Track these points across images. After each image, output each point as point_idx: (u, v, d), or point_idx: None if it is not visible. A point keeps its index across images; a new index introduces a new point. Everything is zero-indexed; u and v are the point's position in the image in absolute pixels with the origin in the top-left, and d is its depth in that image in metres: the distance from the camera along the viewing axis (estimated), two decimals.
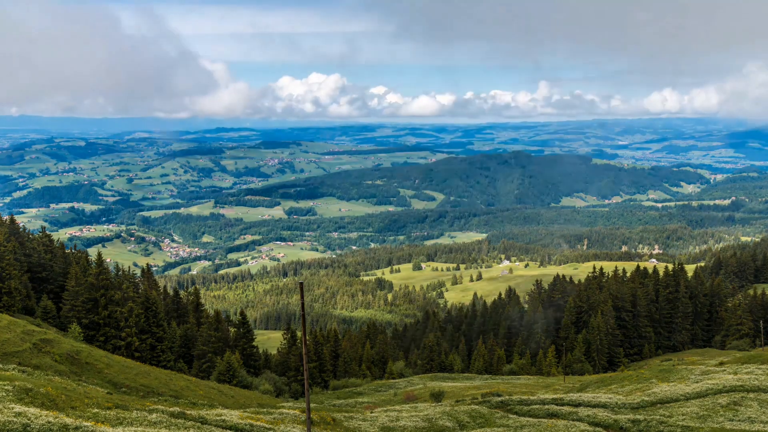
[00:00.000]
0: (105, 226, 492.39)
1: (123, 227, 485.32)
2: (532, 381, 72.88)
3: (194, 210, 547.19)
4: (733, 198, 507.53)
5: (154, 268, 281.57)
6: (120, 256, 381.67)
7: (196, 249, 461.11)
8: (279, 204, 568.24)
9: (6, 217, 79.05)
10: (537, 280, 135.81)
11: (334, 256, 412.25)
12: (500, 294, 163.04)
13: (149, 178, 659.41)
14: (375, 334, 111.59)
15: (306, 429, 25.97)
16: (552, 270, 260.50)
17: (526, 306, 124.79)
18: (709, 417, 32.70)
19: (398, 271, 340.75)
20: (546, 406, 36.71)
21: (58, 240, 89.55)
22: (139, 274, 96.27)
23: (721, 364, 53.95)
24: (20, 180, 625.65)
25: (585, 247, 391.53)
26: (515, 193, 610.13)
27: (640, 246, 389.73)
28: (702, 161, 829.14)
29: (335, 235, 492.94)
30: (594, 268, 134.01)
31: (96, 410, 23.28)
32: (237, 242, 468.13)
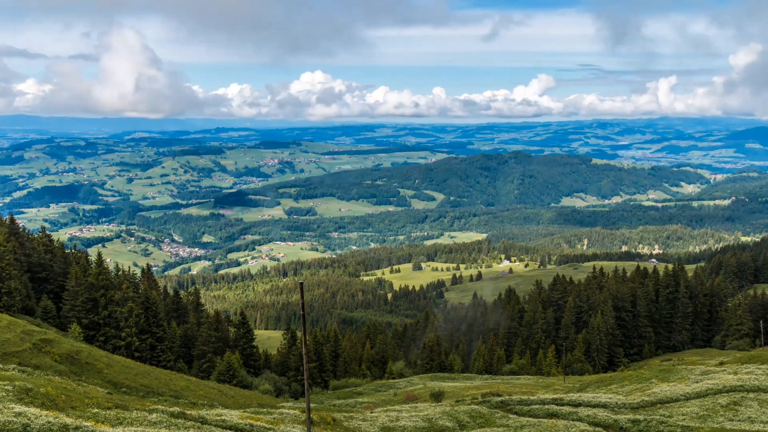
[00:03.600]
0: (105, 226, 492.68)
1: (123, 227, 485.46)
2: (532, 381, 72.86)
3: (194, 210, 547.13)
4: (733, 198, 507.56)
5: (154, 268, 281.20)
6: (120, 256, 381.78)
7: (196, 249, 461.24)
8: (279, 204, 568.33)
9: (6, 217, 78.99)
10: (537, 280, 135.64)
11: (334, 256, 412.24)
12: (500, 294, 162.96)
13: (149, 178, 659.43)
14: (375, 334, 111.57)
15: (306, 429, 25.98)
16: (552, 270, 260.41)
17: (526, 306, 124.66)
18: (709, 417, 32.70)
19: (398, 271, 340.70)
20: (546, 406, 36.71)
21: (58, 240, 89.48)
22: (139, 274, 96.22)
23: (721, 364, 53.98)
24: (20, 180, 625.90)
25: (585, 247, 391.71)
26: (515, 193, 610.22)
27: (640, 246, 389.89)
28: (702, 161, 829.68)
29: (335, 235, 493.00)
30: (594, 268, 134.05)
31: (96, 410, 23.29)
32: (237, 242, 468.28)
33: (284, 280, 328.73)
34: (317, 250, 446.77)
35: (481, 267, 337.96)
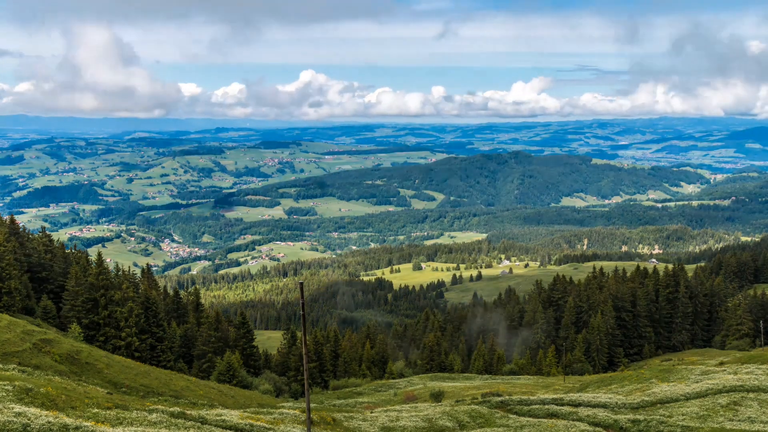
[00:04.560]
0: (105, 226, 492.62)
1: (123, 227, 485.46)
2: (532, 381, 72.86)
3: (194, 210, 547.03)
4: (733, 198, 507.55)
5: (154, 268, 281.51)
6: (120, 256, 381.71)
7: (196, 249, 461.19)
8: (279, 204, 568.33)
9: (6, 217, 78.94)
10: (537, 280, 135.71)
11: (334, 256, 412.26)
12: (500, 294, 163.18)
13: (149, 178, 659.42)
14: (375, 334, 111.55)
15: (306, 429, 25.97)
16: (552, 270, 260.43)
17: (526, 306, 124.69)
18: (709, 417, 32.70)
19: (398, 271, 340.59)
20: (546, 406, 36.70)
21: (58, 240, 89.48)
22: (139, 274, 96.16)
23: (721, 364, 54.00)
24: (20, 180, 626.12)
25: (585, 247, 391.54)
26: (515, 193, 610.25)
27: (640, 246, 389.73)
28: (702, 161, 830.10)
29: (335, 235, 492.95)
30: (594, 268, 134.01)
31: (96, 410, 23.28)
32: (237, 242, 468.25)
33: (284, 280, 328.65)
34: (317, 250, 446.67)
35: (481, 267, 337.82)
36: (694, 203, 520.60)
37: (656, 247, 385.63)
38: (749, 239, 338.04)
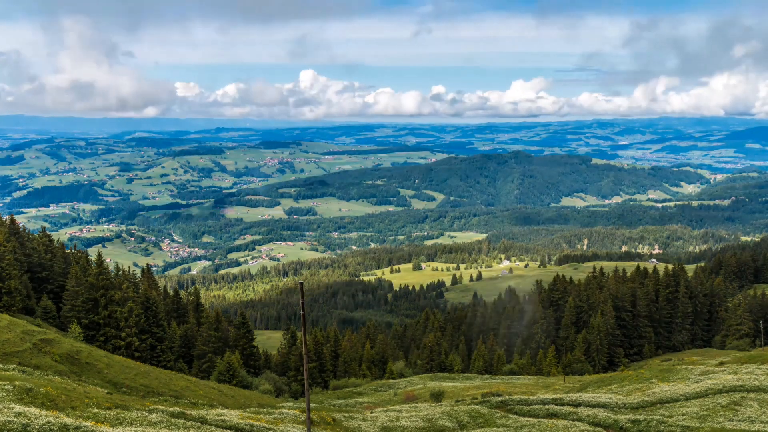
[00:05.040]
0: (105, 226, 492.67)
1: (123, 227, 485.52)
2: (532, 381, 72.84)
3: (194, 210, 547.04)
4: (733, 198, 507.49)
5: (154, 268, 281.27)
6: (120, 256, 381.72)
7: (196, 249, 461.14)
8: (279, 204, 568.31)
9: (6, 217, 78.92)
10: (537, 280, 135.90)
11: (334, 256, 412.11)
12: (500, 294, 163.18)
13: (149, 178, 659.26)
14: (375, 334, 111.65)
15: (306, 429, 25.97)
16: (552, 270, 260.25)
17: (526, 306, 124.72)
18: (709, 417, 32.69)
19: (398, 271, 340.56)
20: (546, 406, 36.70)
21: (58, 240, 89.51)
22: (139, 274, 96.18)
23: (721, 364, 53.98)
24: (20, 180, 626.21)
25: (585, 247, 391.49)
26: (515, 193, 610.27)
27: (640, 246, 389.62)
28: (702, 161, 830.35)
29: (335, 235, 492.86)
30: (594, 268, 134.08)
31: (96, 410, 23.27)
32: (237, 242, 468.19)
33: (284, 280, 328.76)
34: (317, 250, 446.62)
35: (481, 267, 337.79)
36: (694, 203, 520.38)
37: (656, 247, 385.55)
38: (749, 239, 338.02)
